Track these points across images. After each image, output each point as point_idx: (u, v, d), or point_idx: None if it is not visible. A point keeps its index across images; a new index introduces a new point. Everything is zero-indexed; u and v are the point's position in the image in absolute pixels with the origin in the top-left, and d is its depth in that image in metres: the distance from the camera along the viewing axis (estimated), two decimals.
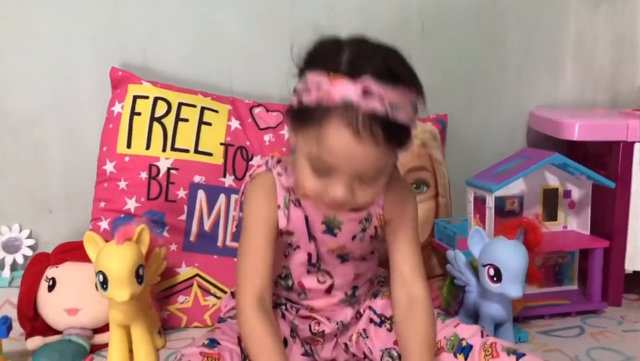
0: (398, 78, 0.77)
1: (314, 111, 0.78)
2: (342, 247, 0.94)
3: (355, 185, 0.81)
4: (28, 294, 1.05)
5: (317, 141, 0.78)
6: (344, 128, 0.76)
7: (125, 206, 1.16)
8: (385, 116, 0.75)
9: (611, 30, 1.48)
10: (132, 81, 1.22)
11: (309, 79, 0.79)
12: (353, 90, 0.75)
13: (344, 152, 0.77)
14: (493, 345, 0.88)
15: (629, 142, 1.22)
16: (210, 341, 0.89)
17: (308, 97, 0.78)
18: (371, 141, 0.76)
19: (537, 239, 1.02)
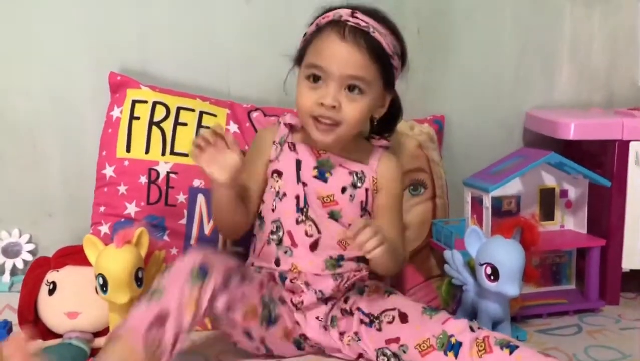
0: (384, 21, 1.01)
1: (312, 33, 1.02)
2: (331, 197, 1.03)
3: (342, 96, 0.98)
4: (28, 298, 1.06)
5: (313, 50, 1.00)
6: (333, 34, 0.98)
7: (126, 211, 1.17)
8: (367, 31, 0.98)
9: (606, 31, 1.49)
10: (131, 85, 1.23)
11: (314, 21, 1.03)
12: (344, 11, 1.00)
13: (331, 53, 0.97)
14: (485, 339, 0.89)
15: (624, 141, 1.23)
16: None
17: (310, 28, 1.03)
18: (354, 44, 0.97)
19: (533, 238, 1.03)
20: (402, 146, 1.27)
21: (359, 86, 0.99)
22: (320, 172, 1.05)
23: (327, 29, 0.99)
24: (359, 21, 0.98)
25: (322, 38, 0.99)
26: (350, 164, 1.06)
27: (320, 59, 0.98)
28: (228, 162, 0.95)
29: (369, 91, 1.00)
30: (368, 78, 0.99)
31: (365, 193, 1.06)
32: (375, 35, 0.98)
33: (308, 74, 1.00)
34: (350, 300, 1.04)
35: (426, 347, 0.92)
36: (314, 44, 1.00)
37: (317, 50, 0.99)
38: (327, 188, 1.04)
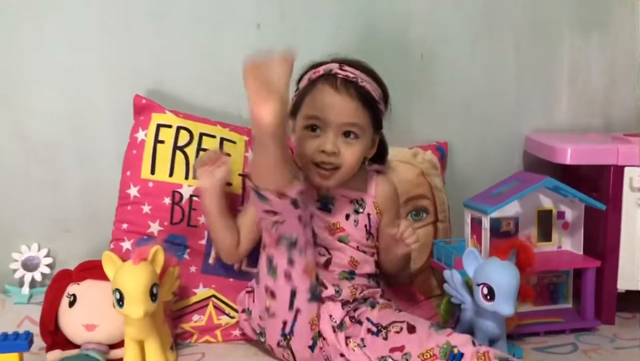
0: (368, 72, 1.11)
1: (306, 87, 1.10)
2: (337, 225, 1.12)
3: (339, 143, 1.07)
4: (50, 309, 1.11)
5: (308, 103, 1.08)
6: (327, 86, 1.07)
7: (149, 229, 1.21)
8: (356, 81, 1.08)
9: (603, 58, 1.54)
10: (156, 109, 1.28)
11: (304, 76, 1.12)
12: (333, 65, 1.10)
13: (327, 105, 1.06)
14: (486, 354, 0.95)
15: (619, 166, 1.28)
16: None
17: (302, 83, 1.12)
18: (346, 94, 1.06)
19: (529, 259, 1.08)
20: (404, 174, 1.33)
21: (355, 132, 1.08)
22: (323, 204, 1.13)
23: (320, 83, 1.08)
24: (348, 73, 1.08)
25: (317, 91, 1.08)
26: (349, 193, 1.14)
27: (317, 110, 1.07)
28: (215, 172, 1.12)
29: (362, 135, 1.09)
30: (361, 123, 1.08)
31: (368, 217, 1.14)
32: (363, 85, 1.08)
33: (307, 125, 1.08)
34: (360, 310, 1.11)
35: (429, 356, 0.97)
36: (309, 97, 1.08)
37: (313, 102, 1.07)
38: (332, 217, 1.13)
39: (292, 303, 1.03)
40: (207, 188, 1.13)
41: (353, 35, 1.43)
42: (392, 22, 1.44)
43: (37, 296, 1.30)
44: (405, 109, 1.47)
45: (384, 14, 1.44)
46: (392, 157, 1.34)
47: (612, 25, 1.53)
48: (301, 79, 1.13)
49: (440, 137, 1.47)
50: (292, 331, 1.05)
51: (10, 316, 1.25)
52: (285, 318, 1.04)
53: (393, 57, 1.45)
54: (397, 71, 1.45)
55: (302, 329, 1.05)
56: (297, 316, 1.04)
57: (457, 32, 1.47)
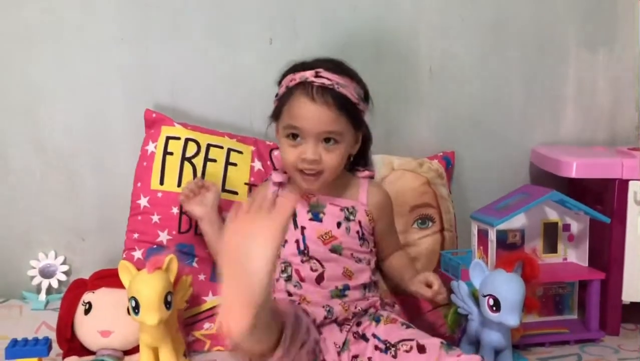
0: (343, 71, 1.11)
1: (283, 95, 1.12)
2: (329, 234, 1.13)
3: (320, 149, 1.09)
4: (67, 317, 1.14)
5: (287, 114, 1.10)
6: (303, 97, 1.08)
7: (158, 238, 1.25)
8: (332, 88, 1.08)
9: (609, 73, 1.56)
10: (165, 122, 1.32)
11: (282, 82, 1.14)
12: (309, 73, 1.09)
13: (305, 115, 1.08)
14: None
15: (623, 180, 1.30)
16: None
17: (280, 90, 1.13)
18: (323, 103, 1.07)
19: (534, 271, 1.10)
20: (410, 182, 1.36)
21: (334, 138, 1.10)
22: (314, 214, 1.14)
23: (297, 92, 1.09)
24: (323, 80, 1.08)
25: (294, 101, 1.09)
26: (339, 201, 1.16)
27: (295, 120, 1.09)
28: (205, 200, 1.18)
29: (342, 139, 1.11)
30: (340, 129, 1.10)
31: (360, 225, 1.15)
32: (340, 90, 1.08)
33: (287, 134, 1.11)
34: (364, 325, 1.11)
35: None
36: (288, 106, 1.10)
37: (291, 112, 1.09)
38: (323, 227, 1.13)
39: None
40: (201, 217, 1.18)
41: (364, 50, 1.45)
42: (402, 38, 1.47)
43: (54, 303, 1.33)
44: (413, 121, 1.50)
45: (393, 30, 1.47)
46: (397, 166, 1.38)
47: (617, 42, 1.55)
48: (280, 82, 1.15)
49: (447, 149, 1.50)
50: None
51: (28, 322, 1.28)
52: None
53: (402, 71, 1.48)
54: (407, 84, 1.49)
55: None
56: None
57: (465, 47, 1.50)
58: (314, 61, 1.13)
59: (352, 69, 1.14)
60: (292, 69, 1.14)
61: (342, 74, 1.11)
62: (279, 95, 1.14)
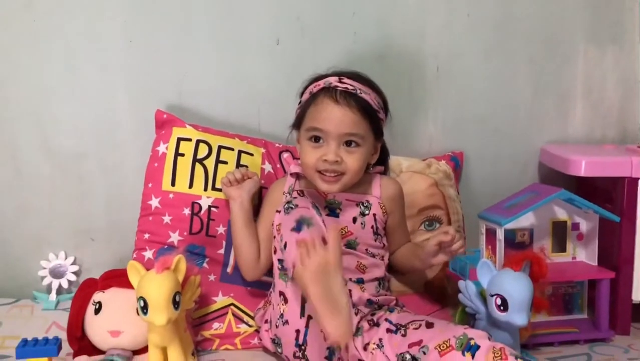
0: (365, 82, 1.17)
1: (308, 100, 1.17)
2: (345, 229, 1.16)
3: (341, 151, 1.13)
4: (77, 316, 1.15)
5: (311, 116, 1.14)
6: (327, 100, 1.13)
7: (169, 239, 1.25)
8: (356, 93, 1.13)
9: (618, 71, 1.55)
10: (176, 124, 1.32)
11: (305, 89, 1.19)
12: (333, 79, 1.15)
13: (328, 116, 1.12)
14: (502, 350, 0.95)
15: (633, 178, 1.29)
16: None
17: (304, 97, 1.19)
18: (346, 106, 1.12)
19: (541, 271, 1.10)
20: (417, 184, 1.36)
21: (356, 141, 1.14)
22: (331, 210, 1.18)
23: (321, 96, 1.14)
24: (347, 86, 1.14)
25: (318, 104, 1.14)
26: (355, 197, 1.20)
27: (318, 122, 1.13)
28: (244, 184, 1.22)
29: (363, 143, 1.15)
30: (362, 133, 1.14)
31: (374, 218, 1.20)
32: (362, 96, 1.14)
33: (309, 136, 1.15)
34: (378, 314, 1.12)
35: (446, 347, 0.98)
36: (311, 110, 1.15)
37: (315, 115, 1.14)
38: (340, 222, 1.17)
39: (303, 309, 1.05)
40: (235, 198, 1.21)
41: (370, 50, 1.46)
42: (408, 38, 1.48)
43: (64, 303, 1.35)
44: (421, 120, 1.50)
45: (399, 29, 1.47)
46: (406, 168, 1.38)
47: (625, 38, 1.54)
48: (303, 92, 1.20)
49: (455, 148, 1.49)
50: (305, 341, 1.06)
51: (39, 322, 1.29)
52: (298, 327, 1.06)
53: (409, 70, 1.49)
54: (413, 84, 1.49)
55: (316, 338, 1.06)
56: (308, 324, 1.05)
57: (471, 46, 1.50)
58: (335, 71, 1.19)
59: (372, 80, 1.19)
60: (314, 79, 1.19)
61: (364, 83, 1.17)
62: (301, 102, 1.19)
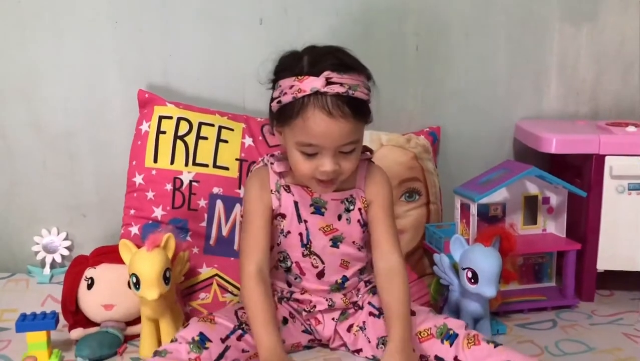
0: (350, 67, 1.01)
1: (293, 105, 1.01)
2: (331, 226, 1.12)
3: (339, 158, 1.03)
4: (70, 292, 1.21)
5: (302, 129, 1.01)
6: (319, 112, 0.99)
7: (153, 214, 1.31)
8: (347, 95, 0.99)
9: (592, 47, 1.59)
10: (158, 102, 1.36)
11: (281, 85, 1.03)
12: (318, 82, 0.99)
13: (323, 132, 1.00)
14: (475, 336, 1.04)
15: (600, 155, 1.35)
16: (208, 314, 1.10)
17: (285, 97, 1.01)
18: (342, 117, 0.99)
19: (510, 246, 1.17)
20: (398, 158, 1.41)
21: (352, 146, 1.04)
22: (316, 208, 1.12)
23: (310, 108, 0.99)
24: (337, 89, 0.98)
25: (308, 118, 0.99)
26: (340, 194, 1.12)
27: (312, 138, 1.00)
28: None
29: (359, 142, 1.06)
30: (358, 136, 1.04)
31: (359, 212, 1.14)
32: (355, 95, 1.00)
33: (301, 150, 1.03)
34: (361, 293, 1.17)
35: (426, 335, 1.07)
36: (299, 122, 1.00)
37: (306, 130, 1.00)
38: (325, 220, 1.12)
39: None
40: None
41: (353, 28, 1.49)
42: (390, 16, 1.50)
43: (58, 277, 1.41)
44: (401, 97, 1.55)
45: (381, 9, 1.49)
46: (386, 142, 1.43)
47: (600, 16, 1.58)
48: (277, 79, 1.05)
49: (433, 124, 1.54)
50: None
51: (35, 295, 1.35)
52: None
53: (390, 49, 1.52)
54: (394, 62, 1.53)
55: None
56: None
57: (451, 24, 1.53)
58: (312, 52, 1.03)
59: (354, 57, 1.05)
60: (289, 65, 1.03)
61: (350, 70, 1.01)
62: (281, 101, 1.02)
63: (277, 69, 1.07)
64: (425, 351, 1.06)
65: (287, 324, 1.14)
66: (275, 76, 1.06)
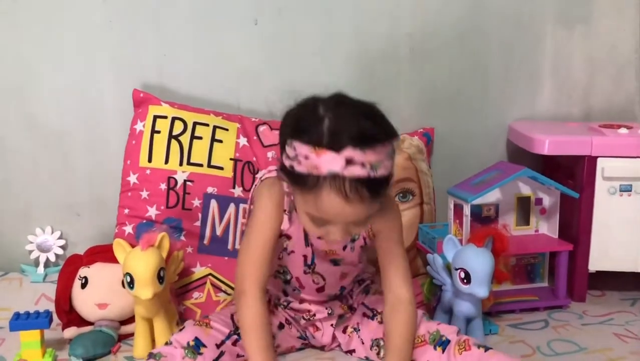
0: (374, 139, 0.89)
1: (307, 178, 0.91)
2: (333, 252, 1.10)
3: (350, 227, 0.96)
4: (64, 291, 1.21)
5: (314, 204, 0.92)
6: (335, 195, 0.89)
7: (147, 213, 1.31)
8: (368, 177, 0.89)
9: (585, 50, 1.60)
10: (152, 102, 1.36)
11: (296, 148, 0.91)
12: (337, 162, 0.88)
13: (336, 213, 0.92)
14: (466, 341, 1.05)
15: (592, 157, 1.36)
16: (204, 316, 1.08)
17: (299, 167, 0.91)
18: (359, 201, 0.90)
19: (503, 246, 1.17)
20: None
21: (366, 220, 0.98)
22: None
23: (326, 188, 0.90)
24: (357, 172, 0.88)
25: (322, 196, 0.91)
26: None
27: (323, 214, 0.93)
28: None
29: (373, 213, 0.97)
30: (373, 211, 0.96)
31: (364, 240, 1.10)
32: (377, 176, 0.90)
33: (311, 217, 0.96)
34: (355, 294, 1.18)
35: (420, 341, 1.07)
36: (313, 197, 0.92)
37: (319, 206, 0.92)
38: (329, 245, 1.07)
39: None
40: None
41: (347, 30, 1.49)
42: (384, 19, 1.51)
43: (52, 275, 1.40)
44: (395, 98, 1.55)
45: (375, 11, 1.50)
46: None
47: (593, 18, 1.59)
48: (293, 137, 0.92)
49: (427, 125, 1.55)
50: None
51: (28, 294, 1.35)
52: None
53: (384, 51, 1.52)
54: (388, 64, 1.53)
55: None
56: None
57: (445, 26, 1.53)
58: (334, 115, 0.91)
59: (381, 118, 0.94)
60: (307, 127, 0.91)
61: (373, 143, 0.89)
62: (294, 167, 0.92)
63: (293, 125, 0.95)
64: (418, 358, 1.07)
65: (282, 329, 1.15)
66: (290, 133, 0.94)
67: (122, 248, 1.14)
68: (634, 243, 1.37)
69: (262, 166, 1.35)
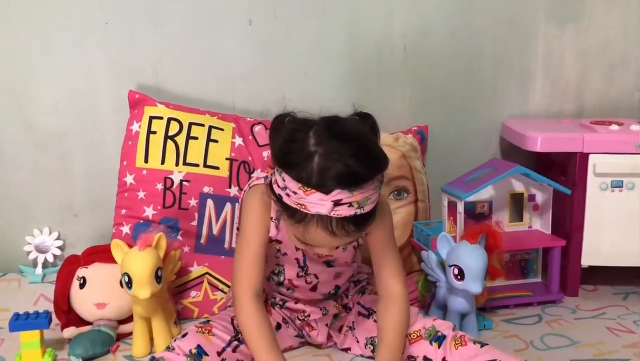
0: (363, 178, 0.91)
1: (295, 212, 0.93)
2: (326, 255, 1.11)
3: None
4: (62, 291, 1.22)
5: (301, 233, 0.96)
6: (322, 231, 0.93)
7: (144, 213, 1.32)
8: (355, 215, 0.91)
9: (576, 47, 1.62)
10: (148, 103, 1.38)
11: (285, 180, 0.93)
12: (325, 205, 0.90)
13: (323, 243, 0.97)
14: (462, 337, 1.06)
15: (584, 153, 1.38)
16: (205, 321, 1.09)
17: (288, 200, 0.94)
18: (345, 235, 0.93)
19: (496, 243, 1.19)
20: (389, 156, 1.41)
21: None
22: None
23: (313, 224, 0.93)
24: (344, 212, 0.91)
25: (310, 231, 0.94)
26: None
27: (311, 242, 0.97)
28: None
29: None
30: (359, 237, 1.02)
31: (357, 241, 1.11)
32: (364, 212, 0.92)
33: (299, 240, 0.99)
34: (350, 294, 1.19)
35: (415, 336, 1.09)
36: (301, 228, 0.95)
37: (307, 236, 0.95)
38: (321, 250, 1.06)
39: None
40: None
41: (341, 30, 1.51)
42: (378, 18, 1.52)
43: (50, 276, 1.42)
44: (389, 97, 1.57)
45: (369, 8, 1.51)
46: None
47: (584, 16, 1.60)
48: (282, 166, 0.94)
49: (421, 123, 1.56)
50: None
51: (27, 294, 1.37)
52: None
53: (378, 49, 1.53)
54: (382, 62, 1.55)
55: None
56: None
57: (437, 25, 1.55)
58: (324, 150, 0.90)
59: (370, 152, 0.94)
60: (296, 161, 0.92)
61: (362, 181, 0.91)
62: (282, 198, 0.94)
63: (283, 156, 0.95)
64: (414, 353, 1.08)
65: (280, 329, 1.16)
66: (280, 164, 0.95)
67: (119, 248, 1.15)
68: (625, 238, 1.39)
69: (257, 165, 1.37)
